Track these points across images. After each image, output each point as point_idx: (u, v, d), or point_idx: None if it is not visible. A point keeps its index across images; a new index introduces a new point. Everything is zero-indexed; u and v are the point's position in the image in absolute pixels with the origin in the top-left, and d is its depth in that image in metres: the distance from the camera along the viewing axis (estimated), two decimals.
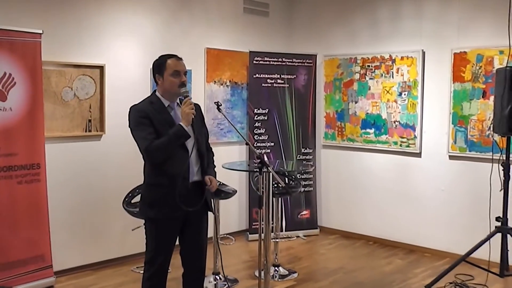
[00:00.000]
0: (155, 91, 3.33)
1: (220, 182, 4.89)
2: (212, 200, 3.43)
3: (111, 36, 5.24)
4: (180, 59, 3.29)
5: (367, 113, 6.26)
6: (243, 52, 6.40)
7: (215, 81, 6.18)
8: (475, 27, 5.45)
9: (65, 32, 4.90)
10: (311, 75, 6.59)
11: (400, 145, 5.98)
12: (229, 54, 6.31)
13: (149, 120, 3.13)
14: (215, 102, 3.55)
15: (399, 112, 5.97)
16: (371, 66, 6.21)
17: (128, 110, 3.24)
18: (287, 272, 5.13)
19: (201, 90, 6.06)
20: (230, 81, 6.34)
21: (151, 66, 3.34)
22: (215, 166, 3.47)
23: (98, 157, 5.20)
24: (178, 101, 3.27)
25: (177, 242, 3.34)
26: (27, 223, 4.46)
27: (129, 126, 3.22)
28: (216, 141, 6.13)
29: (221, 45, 6.25)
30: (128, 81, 5.38)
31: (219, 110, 3.46)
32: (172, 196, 3.11)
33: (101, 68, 5.13)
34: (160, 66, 3.25)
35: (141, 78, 5.49)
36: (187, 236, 3.32)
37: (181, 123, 3.13)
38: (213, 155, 3.52)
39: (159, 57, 3.31)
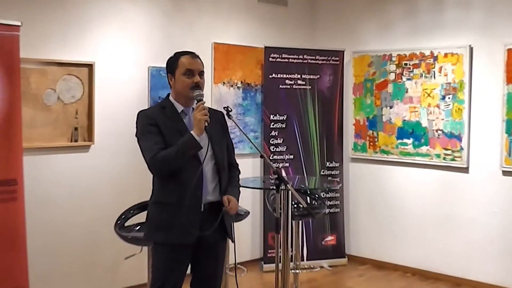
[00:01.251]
0: (168, 94, 3.40)
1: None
2: (232, 224, 3.43)
3: (102, 30, 5.23)
4: (197, 57, 3.37)
5: (404, 120, 6.23)
6: (257, 47, 6.39)
7: (224, 82, 6.17)
8: None
9: (47, 24, 4.89)
10: (338, 75, 6.57)
11: (444, 159, 5.94)
12: (241, 50, 6.30)
13: (157, 127, 3.20)
14: (224, 108, 3.54)
15: (443, 119, 5.93)
16: (409, 65, 6.18)
17: (136, 115, 3.30)
18: None
19: (207, 93, 5.95)
20: (241, 82, 6.34)
21: (165, 65, 3.40)
22: (239, 186, 3.48)
23: (85, 172, 5.17)
24: (194, 106, 3.30)
25: (188, 271, 3.37)
26: (0, 248, 4.41)
27: (136, 135, 3.27)
28: None
29: (231, 39, 6.24)
30: (121, 83, 5.37)
31: (229, 117, 3.46)
32: (183, 217, 3.15)
33: (89, 66, 5.11)
34: (172, 64, 3.34)
35: (137, 78, 5.47)
36: (199, 265, 3.34)
37: (192, 132, 3.15)
38: (239, 173, 3.55)
39: (173, 54, 3.38)
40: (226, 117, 3.47)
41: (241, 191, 5.24)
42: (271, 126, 6.36)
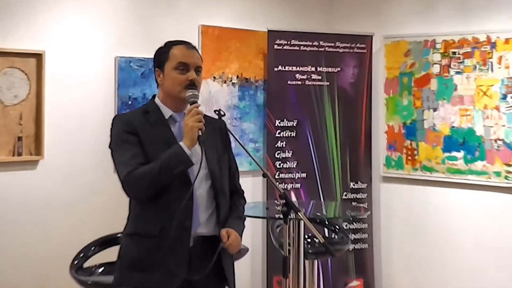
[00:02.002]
0: (154, 96, 3.41)
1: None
2: (233, 267, 3.43)
3: (55, 10, 5.22)
4: (193, 48, 3.39)
5: (453, 126, 6.24)
6: (258, 31, 6.40)
7: (214, 77, 6.17)
8: None
9: None
10: (364, 67, 6.58)
11: (506, 177, 5.94)
12: (237, 34, 6.31)
13: (137, 137, 3.22)
14: (215, 111, 3.50)
15: (503, 126, 5.95)
16: (459, 54, 6.19)
17: (111, 121, 3.29)
18: None
19: None
20: (238, 76, 6.34)
21: (153, 57, 3.41)
22: (244, 218, 3.48)
23: (32, 195, 5.14)
24: (186, 110, 3.29)
25: None
26: None
27: (109, 146, 3.28)
28: None
29: (224, 20, 6.24)
30: (80, 78, 5.35)
31: None
32: (165, 254, 3.11)
33: (38, 57, 5.10)
34: (161, 56, 3.36)
35: (101, 72, 5.46)
36: None
37: (181, 143, 3.15)
38: (245, 202, 3.56)
39: (164, 44, 3.40)
40: (227, 129, 3.47)
41: None
42: (277, 135, 6.37)
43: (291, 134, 6.40)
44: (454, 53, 6.23)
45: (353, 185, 6.56)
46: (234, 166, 3.53)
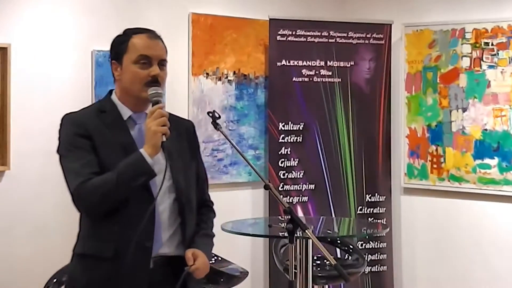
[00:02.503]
0: (111, 92, 3.36)
1: (218, 257, 4.82)
2: None
3: None
4: (157, 37, 3.31)
5: (486, 129, 6.26)
6: (258, 20, 6.42)
7: (207, 74, 6.20)
8: None
9: None
10: (382, 60, 6.60)
11: None
12: (233, 23, 6.33)
13: (90, 141, 3.14)
14: (208, 113, 3.52)
15: None
16: (492, 44, 6.20)
17: (60, 121, 3.24)
18: None
19: (182, 90, 6.08)
20: (234, 72, 6.36)
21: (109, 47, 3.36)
22: (212, 235, 3.45)
23: None
24: (148, 111, 3.22)
25: None
26: None
27: (57, 150, 3.23)
28: (210, 182, 5.98)
29: (218, 8, 6.27)
30: (51, 75, 5.40)
31: (215, 127, 3.44)
32: (121, 279, 3.08)
33: (2, 51, 5.13)
34: (119, 46, 3.28)
35: (76, 68, 5.51)
36: None
37: (142, 150, 3.10)
38: (214, 215, 3.53)
39: (122, 32, 3.33)
40: (211, 125, 3.44)
41: (236, 241, 5.21)
42: (281, 141, 6.38)
43: (297, 139, 6.42)
44: (486, 43, 6.24)
45: (370, 198, 6.56)
46: (203, 174, 3.49)
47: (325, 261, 5.30)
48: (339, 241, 5.66)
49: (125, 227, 3.10)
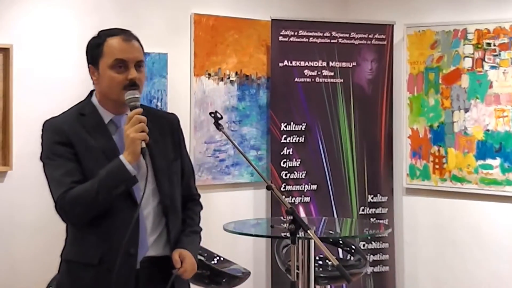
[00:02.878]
0: (91, 93, 3.35)
1: (220, 258, 4.82)
2: None
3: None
4: (132, 38, 3.25)
5: (488, 130, 6.25)
6: (260, 21, 6.42)
7: (209, 74, 6.20)
8: None
9: None
10: (384, 61, 6.60)
11: None
12: (235, 24, 6.33)
13: (71, 147, 3.15)
14: (210, 113, 3.54)
15: None
16: (494, 45, 6.19)
17: (42, 126, 3.27)
18: None
19: (184, 90, 6.08)
20: (237, 73, 6.36)
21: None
22: (198, 231, 3.42)
23: None
24: (127, 117, 3.20)
25: None
26: None
27: (40, 158, 3.25)
28: (213, 183, 6.12)
29: (220, 8, 6.27)
30: (55, 76, 5.40)
31: (217, 127, 3.46)
32: (108, 285, 3.06)
33: (4, 52, 5.14)
34: (94, 50, 3.26)
35: (79, 70, 5.41)
36: None
37: (121, 157, 3.08)
38: (201, 207, 3.49)
39: (97, 34, 3.30)
40: (213, 126, 3.45)
41: (238, 241, 5.21)
42: (283, 141, 6.38)
43: (299, 140, 6.42)
44: (488, 44, 6.23)
45: (372, 198, 6.56)
46: (188, 168, 3.43)
47: (327, 261, 5.30)
48: (341, 242, 5.65)
49: (109, 234, 3.11)
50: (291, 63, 6.41)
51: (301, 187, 6.42)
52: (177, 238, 3.26)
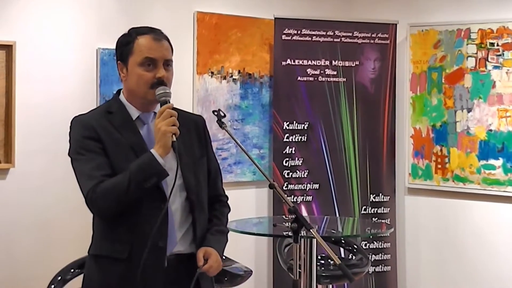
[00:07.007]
0: (119, 91, 3.37)
1: (223, 257, 4.84)
2: None
3: None
4: (162, 37, 3.28)
5: (490, 130, 6.25)
6: (263, 19, 6.42)
7: (212, 73, 6.20)
8: None
9: None
10: (387, 60, 6.60)
11: None
12: (238, 23, 6.33)
13: (100, 143, 3.17)
14: (213, 111, 3.55)
15: None
16: (497, 45, 6.19)
17: (70, 124, 3.25)
18: None
19: (187, 89, 6.07)
20: (239, 72, 6.36)
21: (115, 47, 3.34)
22: (225, 231, 3.47)
23: (0, 209, 5.19)
24: (157, 110, 3.23)
25: None
26: None
27: (68, 153, 3.24)
28: None
29: (223, 7, 6.27)
30: (57, 74, 5.39)
31: (220, 125, 3.47)
32: (136, 279, 3.06)
33: (8, 48, 5.14)
34: (125, 47, 3.28)
35: (81, 66, 5.50)
36: None
37: (153, 150, 3.11)
38: (229, 210, 3.56)
39: (128, 31, 3.32)
40: (217, 124, 3.46)
41: (240, 240, 5.19)
42: (285, 140, 6.38)
43: (301, 139, 6.42)
44: (492, 44, 6.23)
45: (374, 198, 6.56)
46: (215, 169, 3.48)
47: (329, 260, 5.29)
48: (343, 241, 5.65)
49: (139, 228, 3.14)
50: (294, 61, 6.41)
51: (303, 186, 6.41)
52: (203, 236, 3.29)
